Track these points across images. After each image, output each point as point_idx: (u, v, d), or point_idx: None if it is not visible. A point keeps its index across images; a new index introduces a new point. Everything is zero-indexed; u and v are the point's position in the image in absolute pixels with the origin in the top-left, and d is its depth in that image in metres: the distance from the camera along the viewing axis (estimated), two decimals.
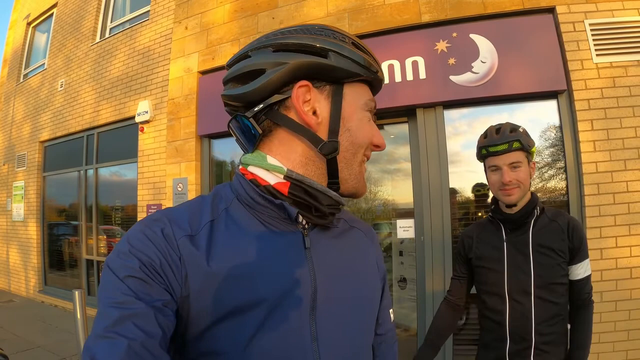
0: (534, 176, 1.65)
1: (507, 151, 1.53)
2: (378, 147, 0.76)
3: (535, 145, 1.63)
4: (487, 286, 1.64)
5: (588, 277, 1.58)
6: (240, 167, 0.74)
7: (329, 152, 0.69)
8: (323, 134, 0.69)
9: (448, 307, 1.78)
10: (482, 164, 1.68)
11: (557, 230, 1.56)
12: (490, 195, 1.74)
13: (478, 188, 3.48)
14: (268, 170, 0.69)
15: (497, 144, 1.54)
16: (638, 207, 2.99)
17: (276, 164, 0.69)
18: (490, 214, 1.70)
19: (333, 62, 0.68)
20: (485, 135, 1.63)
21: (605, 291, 2.95)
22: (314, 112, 0.69)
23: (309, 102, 0.69)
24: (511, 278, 1.56)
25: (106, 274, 0.59)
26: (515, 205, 1.56)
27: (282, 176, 0.68)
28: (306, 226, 0.70)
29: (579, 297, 1.57)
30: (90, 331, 0.57)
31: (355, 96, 0.72)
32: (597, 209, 3.03)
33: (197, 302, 0.59)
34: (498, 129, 1.59)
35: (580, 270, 1.56)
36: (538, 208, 1.59)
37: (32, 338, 4.80)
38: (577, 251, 1.55)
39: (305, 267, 0.67)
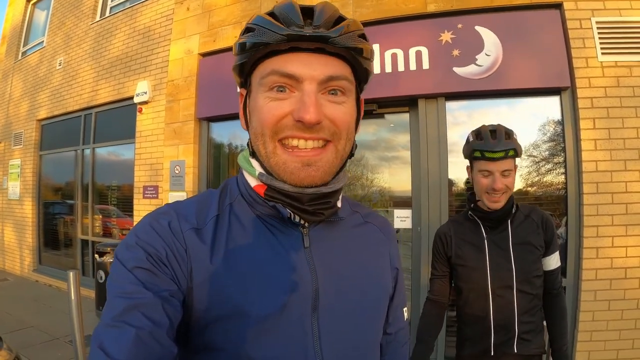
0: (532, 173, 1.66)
1: (503, 158, 1.51)
2: (299, 121, 0.60)
3: (535, 141, 1.64)
4: (470, 284, 1.66)
5: (559, 268, 1.68)
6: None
7: (249, 153, 0.71)
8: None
9: (433, 307, 1.78)
10: (468, 160, 1.67)
11: (532, 226, 1.63)
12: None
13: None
14: (247, 172, 0.71)
15: (494, 151, 1.51)
16: (636, 208, 2.99)
17: (254, 166, 0.70)
18: (469, 212, 1.70)
19: (234, 64, 0.68)
20: (479, 135, 1.59)
21: (599, 290, 2.96)
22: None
23: (248, 107, 0.70)
24: (494, 275, 1.59)
25: (115, 265, 0.60)
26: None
27: (257, 178, 0.68)
28: (305, 225, 0.68)
29: (553, 286, 1.66)
30: (85, 313, 0.57)
31: (254, 82, 0.66)
32: (595, 208, 3.02)
33: (199, 296, 0.60)
34: (493, 131, 1.56)
35: (553, 261, 1.65)
36: (515, 205, 1.63)
37: (26, 318, 4.80)
38: (550, 243, 1.63)
39: (305, 266, 0.66)
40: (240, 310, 0.60)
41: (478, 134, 1.60)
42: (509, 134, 1.55)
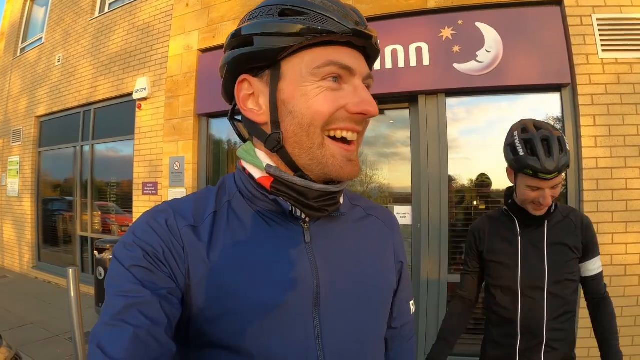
0: None
1: (557, 176, 1.38)
2: (362, 114, 0.62)
3: None
4: (499, 281, 1.59)
5: (602, 273, 1.58)
6: (239, 160, 0.73)
7: (272, 147, 0.65)
8: (268, 126, 0.65)
9: (460, 304, 1.72)
10: (510, 165, 1.51)
11: (570, 227, 1.54)
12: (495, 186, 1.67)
13: (484, 179, 3.46)
14: (252, 164, 0.68)
15: (550, 172, 1.35)
16: (636, 205, 2.98)
17: (261, 158, 0.68)
18: (505, 207, 1.63)
19: (257, 46, 0.61)
20: (531, 148, 1.40)
21: None
22: (260, 105, 0.66)
23: (254, 96, 0.66)
24: (524, 273, 1.52)
25: (113, 264, 0.60)
26: None
27: (263, 171, 0.66)
28: (306, 219, 0.68)
29: (597, 292, 1.57)
30: (85, 310, 0.56)
31: (297, 69, 0.62)
32: (595, 205, 3.02)
33: (198, 293, 0.60)
34: (545, 140, 1.38)
35: (594, 266, 1.55)
36: (553, 204, 1.53)
37: (25, 314, 4.80)
38: (589, 248, 1.54)
39: (306, 262, 0.65)
40: (240, 306, 0.59)
41: (529, 144, 1.41)
42: (561, 143, 1.38)
